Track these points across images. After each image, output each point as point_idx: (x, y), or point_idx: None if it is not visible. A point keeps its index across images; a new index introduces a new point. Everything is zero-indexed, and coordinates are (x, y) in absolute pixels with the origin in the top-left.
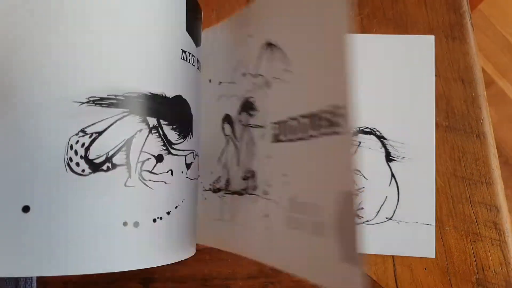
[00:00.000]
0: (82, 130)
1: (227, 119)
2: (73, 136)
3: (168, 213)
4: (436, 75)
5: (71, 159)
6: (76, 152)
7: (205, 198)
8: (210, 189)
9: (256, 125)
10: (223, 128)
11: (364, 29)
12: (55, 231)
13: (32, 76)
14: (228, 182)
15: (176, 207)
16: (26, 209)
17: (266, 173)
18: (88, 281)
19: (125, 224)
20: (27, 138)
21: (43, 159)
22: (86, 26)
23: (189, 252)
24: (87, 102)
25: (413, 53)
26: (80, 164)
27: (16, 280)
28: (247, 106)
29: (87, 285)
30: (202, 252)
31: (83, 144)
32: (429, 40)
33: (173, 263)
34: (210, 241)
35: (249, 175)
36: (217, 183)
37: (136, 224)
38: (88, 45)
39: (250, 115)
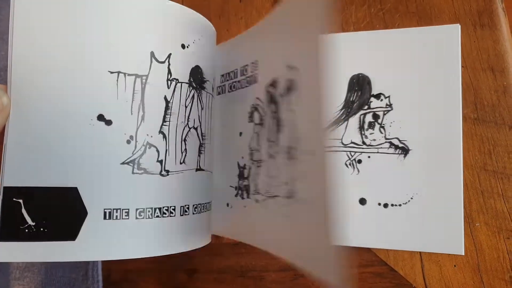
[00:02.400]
0: None
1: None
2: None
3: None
4: (462, 66)
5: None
6: None
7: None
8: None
9: None
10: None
11: (386, 25)
12: None
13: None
14: None
15: None
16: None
17: None
18: (144, 268)
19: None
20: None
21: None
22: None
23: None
24: None
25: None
26: None
27: (86, 267)
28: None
29: (143, 272)
30: (238, 246)
31: None
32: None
33: (214, 256)
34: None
35: None
36: None
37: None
38: None
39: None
